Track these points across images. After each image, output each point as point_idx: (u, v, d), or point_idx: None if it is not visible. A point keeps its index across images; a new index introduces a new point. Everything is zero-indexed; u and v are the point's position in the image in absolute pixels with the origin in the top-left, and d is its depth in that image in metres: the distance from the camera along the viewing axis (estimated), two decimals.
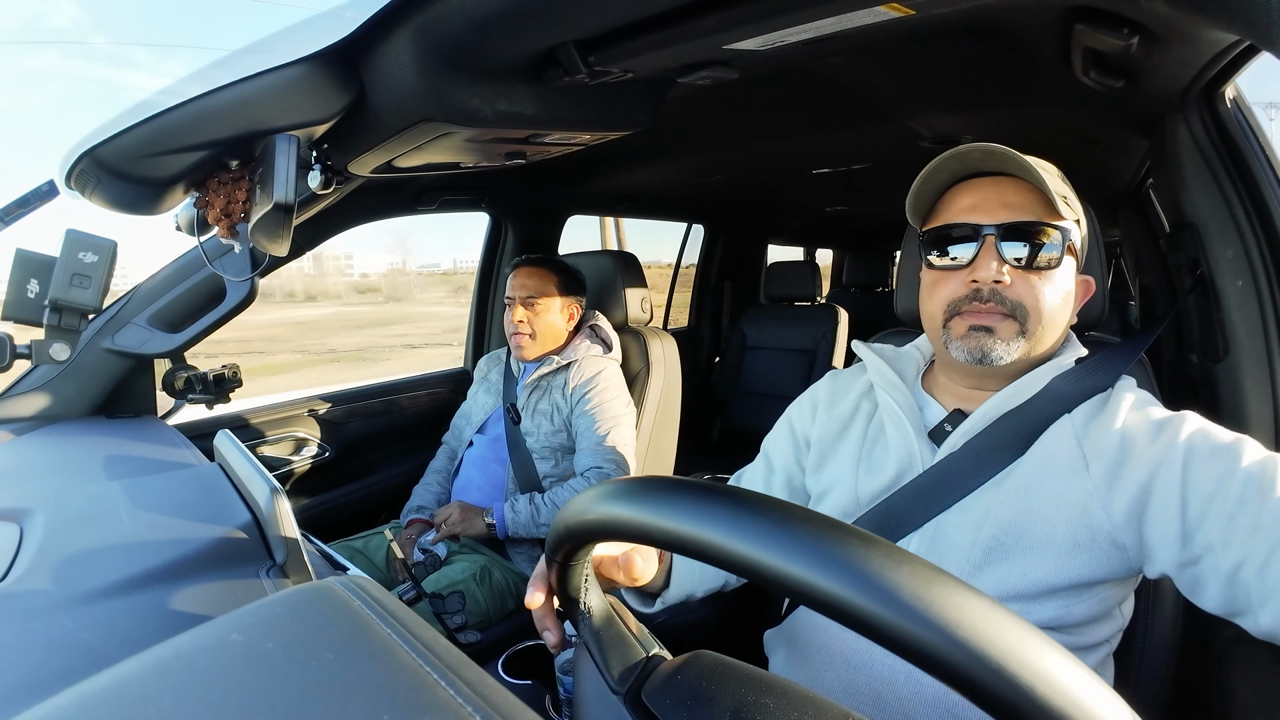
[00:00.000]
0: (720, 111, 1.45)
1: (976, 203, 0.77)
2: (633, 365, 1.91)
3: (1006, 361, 0.76)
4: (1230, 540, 0.61)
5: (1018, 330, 0.75)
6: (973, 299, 0.76)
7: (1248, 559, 0.59)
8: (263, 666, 0.35)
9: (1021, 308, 0.75)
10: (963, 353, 0.77)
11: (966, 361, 0.77)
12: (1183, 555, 0.65)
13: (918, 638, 0.27)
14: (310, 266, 47.06)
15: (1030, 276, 0.75)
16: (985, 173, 0.79)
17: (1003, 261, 0.74)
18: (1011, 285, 0.75)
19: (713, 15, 0.71)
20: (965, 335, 0.76)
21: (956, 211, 0.79)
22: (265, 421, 1.81)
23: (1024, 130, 1.56)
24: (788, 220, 3.79)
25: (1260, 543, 0.59)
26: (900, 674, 0.72)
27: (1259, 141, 0.97)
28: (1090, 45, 0.86)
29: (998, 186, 0.77)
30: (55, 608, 0.60)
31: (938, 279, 0.80)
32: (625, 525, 0.39)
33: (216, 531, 0.74)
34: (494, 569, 1.54)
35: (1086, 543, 0.70)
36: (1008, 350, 0.75)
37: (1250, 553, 0.59)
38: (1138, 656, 0.85)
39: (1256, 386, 0.95)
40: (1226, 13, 0.60)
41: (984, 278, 0.74)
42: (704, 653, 0.51)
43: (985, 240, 0.75)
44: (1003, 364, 0.76)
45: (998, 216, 0.75)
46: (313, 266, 53.30)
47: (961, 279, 0.77)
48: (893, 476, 0.81)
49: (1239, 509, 0.61)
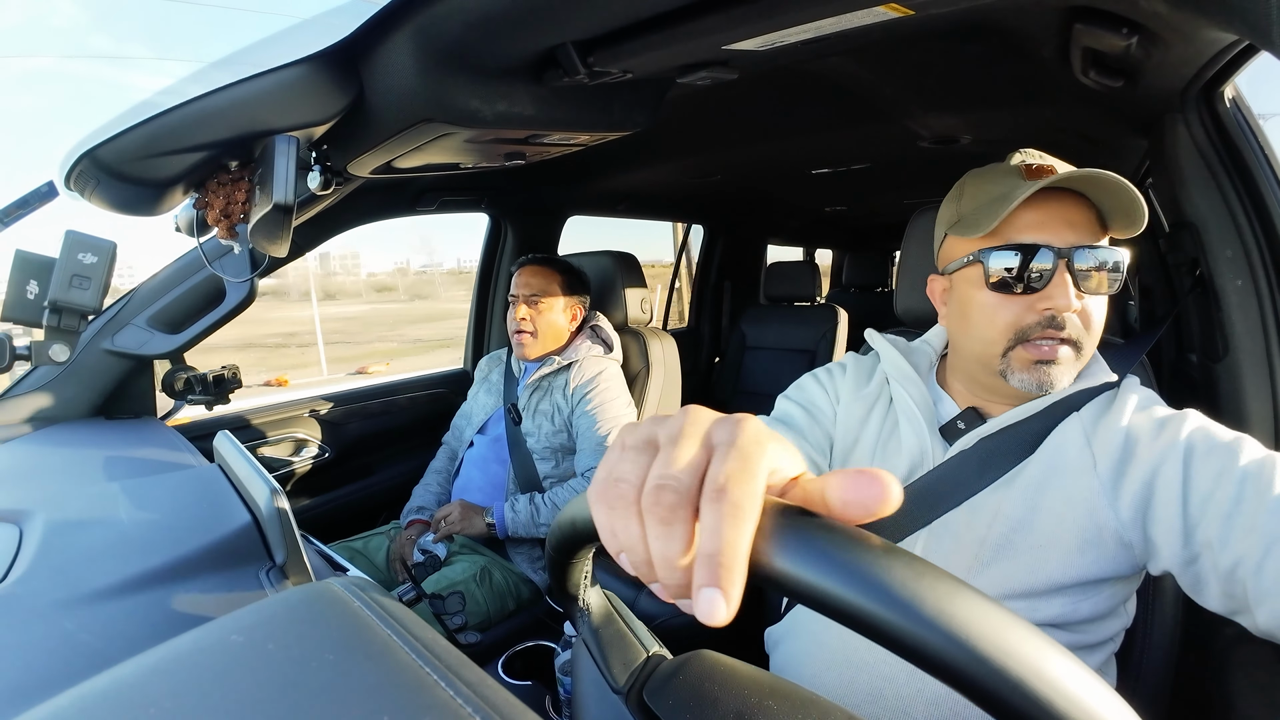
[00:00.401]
0: (720, 112, 1.45)
1: (1043, 220, 0.72)
2: (633, 365, 1.91)
3: (1062, 386, 0.74)
4: (1228, 539, 0.61)
5: (1075, 356, 0.73)
6: (1047, 326, 0.72)
7: (1244, 558, 0.59)
8: (263, 667, 0.35)
9: (1084, 334, 0.73)
10: (1023, 383, 0.74)
11: (1024, 390, 0.74)
12: (1184, 553, 0.65)
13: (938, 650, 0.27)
14: (319, 265, 46.71)
15: (1090, 301, 0.72)
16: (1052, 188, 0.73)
17: (1079, 288, 0.71)
18: (1083, 311, 0.72)
19: (712, 16, 0.71)
20: (1030, 368, 0.73)
21: (1021, 229, 0.72)
22: (265, 422, 1.81)
23: (1023, 130, 1.56)
24: (787, 220, 3.79)
25: (1257, 542, 0.59)
26: (902, 673, 0.73)
27: (1258, 141, 0.97)
28: (1089, 45, 0.86)
29: (1061, 203, 0.72)
30: (55, 609, 0.60)
31: (1003, 302, 0.74)
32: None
33: (216, 532, 0.74)
34: (494, 570, 1.54)
35: (1094, 541, 0.71)
36: (1066, 378, 0.73)
37: (1247, 551, 0.59)
38: (1138, 656, 0.85)
39: (1256, 386, 0.96)
40: (1226, 12, 0.61)
41: (1062, 305, 0.70)
42: (705, 652, 0.51)
43: (1060, 264, 0.70)
44: (1058, 388, 0.74)
45: (1065, 237, 0.71)
46: (320, 265, 52.87)
47: (1029, 304, 0.72)
48: (905, 472, 0.81)
49: (1236, 508, 0.61)
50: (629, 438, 0.34)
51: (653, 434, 0.34)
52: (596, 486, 0.34)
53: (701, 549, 0.29)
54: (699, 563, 0.29)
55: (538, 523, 1.56)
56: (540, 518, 1.57)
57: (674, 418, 0.34)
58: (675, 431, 0.33)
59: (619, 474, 0.32)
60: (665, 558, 0.30)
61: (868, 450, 0.86)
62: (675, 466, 0.31)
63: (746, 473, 0.30)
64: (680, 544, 0.30)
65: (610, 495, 0.32)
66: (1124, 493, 0.70)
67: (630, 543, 0.31)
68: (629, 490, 0.32)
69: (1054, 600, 0.72)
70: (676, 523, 0.30)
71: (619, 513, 0.32)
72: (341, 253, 72.91)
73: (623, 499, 0.32)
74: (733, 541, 0.28)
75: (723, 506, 0.29)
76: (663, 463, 0.31)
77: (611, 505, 0.32)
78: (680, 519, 0.30)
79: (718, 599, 0.28)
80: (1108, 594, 0.73)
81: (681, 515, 0.30)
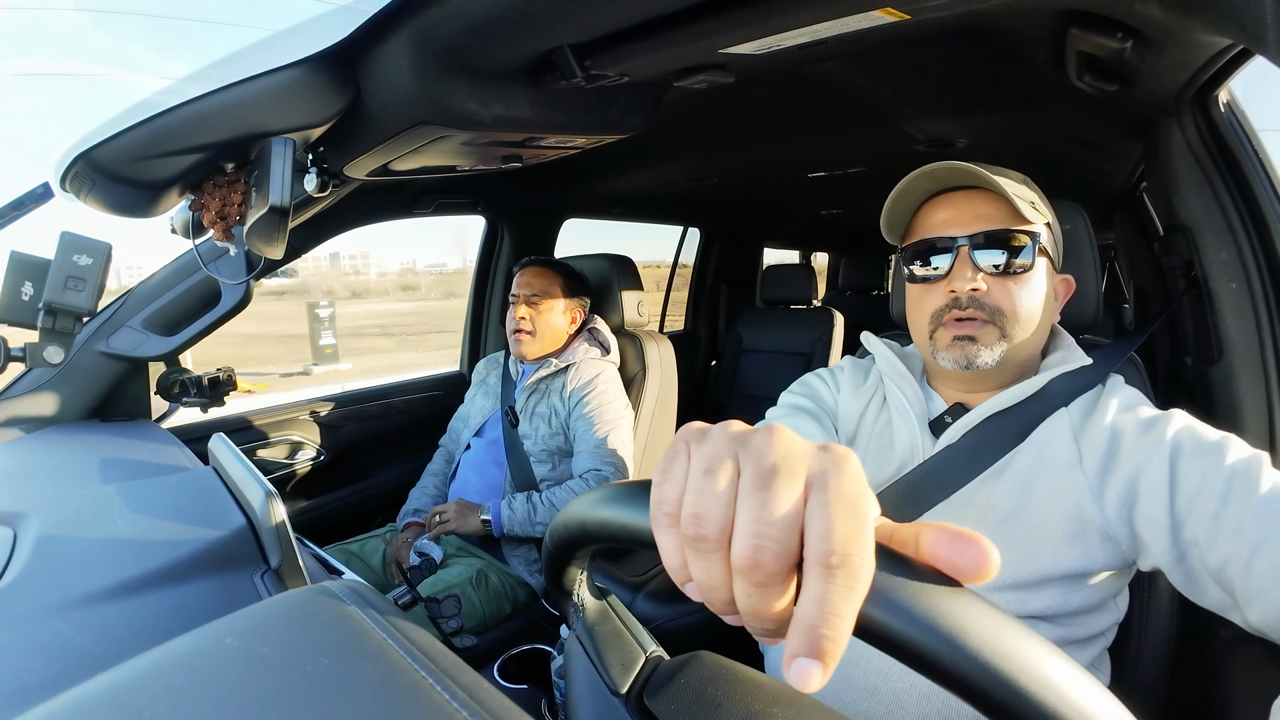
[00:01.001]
0: (716, 115, 1.46)
1: (951, 216, 0.80)
2: (630, 368, 1.91)
3: (991, 365, 0.78)
4: (1215, 539, 0.62)
5: (999, 335, 0.78)
6: (953, 307, 0.79)
7: (1232, 558, 0.60)
8: (257, 671, 0.35)
9: (1000, 312, 0.78)
10: (949, 361, 0.80)
11: (954, 369, 0.80)
12: (1172, 550, 0.66)
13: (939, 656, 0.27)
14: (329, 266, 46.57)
15: (1006, 282, 0.78)
16: (957, 187, 0.82)
17: (978, 270, 0.78)
18: (989, 292, 0.78)
19: (709, 19, 0.71)
20: (950, 345, 0.80)
21: (932, 226, 0.82)
22: (261, 425, 1.81)
23: (1018, 134, 1.57)
24: (784, 223, 3.80)
25: (1244, 543, 0.60)
26: (896, 667, 0.74)
27: (1253, 145, 0.98)
28: (1084, 49, 0.86)
29: (970, 199, 0.80)
30: (49, 612, 0.59)
31: (921, 292, 0.84)
32: (629, 530, 0.38)
33: (211, 535, 0.74)
34: (490, 573, 1.53)
35: (1080, 534, 0.72)
36: (991, 354, 0.78)
37: (1234, 552, 0.60)
38: (1133, 655, 0.86)
39: (1250, 388, 0.96)
40: (1220, 17, 0.61)
41: (961, 287, 0.78)
42: (705, 654, 0.51)
43: (960, 251, 0.78)
44: (988, 368, 0.78)
45: (971, 227, 0.79)
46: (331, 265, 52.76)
47: (941, 290, 0.80)
48: (896, 466, 0.83)
49: (1223, 508, 0.62)
50: (700, 452, 0.30)
51: (730, 453, 0.29)
52: (664, 507, 0.29)
53: (805, 617, 0.25)
54: (800, 630, 0.25)
55: (534, 521, 1.56)
56: (537, 516, 1.56)
57: (756, 437, 0.29)
58: (764, 464, 0.28)
59: (697, 509, 0.28)
60: (760, 615, 0.27)
61: (864, 444, 0.89)
62: (773, 516, 0.26)
63: (862, 535, 0.26)
64: (778, 604, 0.27)
65: (686, 532, 0.28)
66: (1109, 489, 0.72)
67: (711, 586, 0.28)
68: (713, 532, 0.27)
69: (1043, 592, 0.73)
70: (775, 585, 0.26)
71: (699, 555, 0.28)
72: (351, 253, 72.99)
73: (705, 541, 0.27)
74: (844, 615, 0.25)
75: (839, 577, 0.25)
76: (757, 508, 0.27)
77: (690, 545, 0.28)
78: (779, 582, 0.26)
79: (815, 671, 0.25)
80: (1097, 587, 0.74)
81: (781, 578, 0.26)
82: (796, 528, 0.26)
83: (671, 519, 0.29)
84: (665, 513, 0.29)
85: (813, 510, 0.27)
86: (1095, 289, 0.92)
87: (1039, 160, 1.83)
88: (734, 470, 0.28)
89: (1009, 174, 0.81)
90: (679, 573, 0.29)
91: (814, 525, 0.26)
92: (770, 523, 0.26)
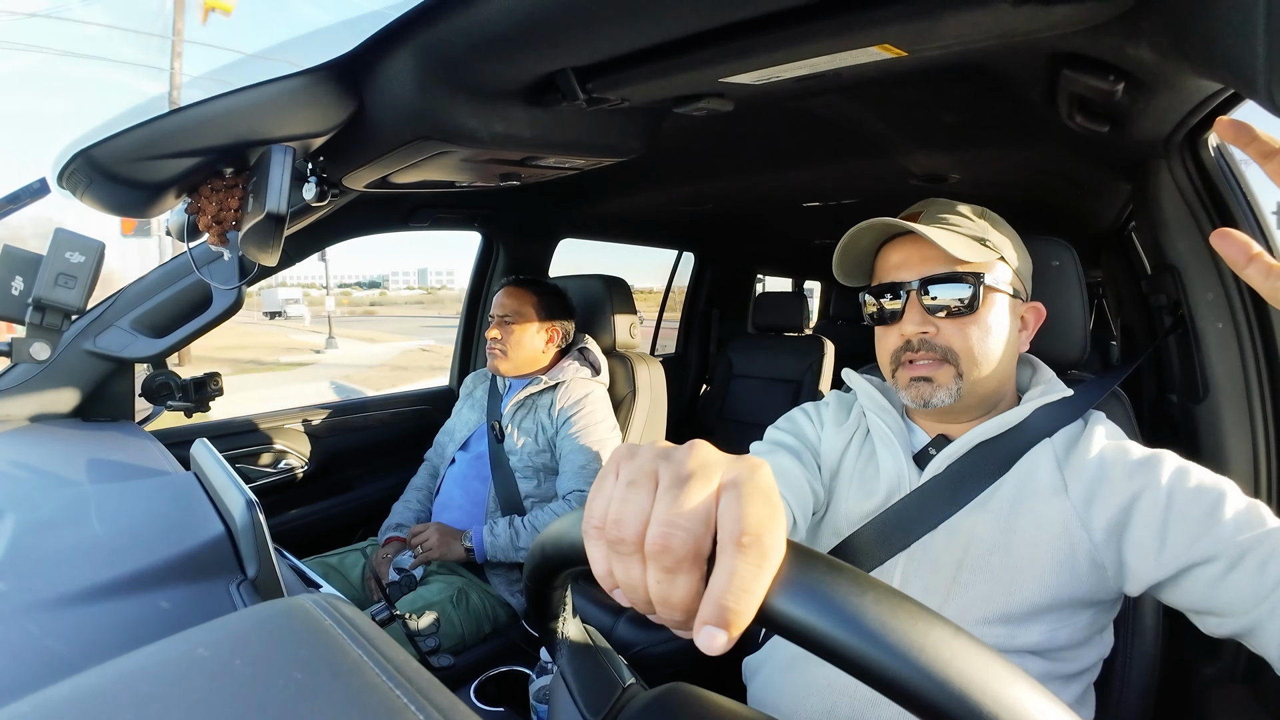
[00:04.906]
0: (713, 142, 1.47)
1: (902, 259, 0.82)
2: (619, 389, 1.91)
3: (948, 403, 0.79)
4: (1215, 594, 0.63)
5: (954, 374, 0.79)
6: (906, 349, 0.81)
7: (1234, 606, 0.61)
8: (229, 684, 0.34)
9: (952, 352, 0.79)
10: (908, 399, 0.82)
11: (914, 407, 0.82)
12: (1161, 575, 0.67)
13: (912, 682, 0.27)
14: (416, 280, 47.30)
15: (957, 322, 0.79)
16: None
17: (927, 312, 0.79)
18: (939, 333, 0.79)
19: (710, 48, 0.72)
20: (908, 385, 0.82)
21: (888, 269, 0.84)
22: (245, 432, 1.79)
23: (1010, 171, 1.59)
24: (777, 251, 3.83)
25: (1248, 592, 0.61)
26: (883, 698, 0.73)
27: (1241, 187, 1.00)
28: (1076, 90, 0.88)
29: (918, 243, 0.81)
30: (20, 612, 0.58)
31: (881, 334, 0.86)
32: (574, 549, 0.38)
33: (188, 542, 0.73)
34: (471, 591, 1.51)
35: (1067, 562, 0.72)
36: (948, 393, 0.80)
37: (1236, 599, 0.61)
38: (1117, 691, 0.85)
39: (1235, 427, 0.97)
40: (1211, 61, 0.62)
41: (909, 330, 0.80)
42: (680, 685, 0.51)
43: (909, 295, 0.80)
44: (945, 405, 0.79)
45: (919, 271, 0.80)
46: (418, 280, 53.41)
47: (896, 332, 0.82)
48: (882, 498, 0.83)
49: (1226, 576, 0.63)
50: (626, 468, 0.32)
51: (652, 467, 0.32)
52: (592, 520, 0.32)
53: (715, 589, 0.28)
54: (708, 604, 0.28)
55: (517, 546, 1.54)
56: (520, 541, 1.54)
57: (678, 451, 0.32)
58: (682, 471, 0.31)
59: (618, 514, 0.31)
60: (669, 602, 0.29)
61: (847, 479, 0.89)
62: (683, 508, 0.29)
63: (774, 520, 0.29)
64: (687, 591, 0.29)
65: (609, 536, 0.31)
66: (1096, 515, 0.72)
67: (630, 584, 0.30)
68: (630, 534, 0.30)
69: (1032, 626, 0.73)
70: (683, 572, 0.29)
71: (619, 557, 0.31)
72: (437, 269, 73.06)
73: (623, 543, 0.30)
74: (752, 590, 0.28)
75: (750, 555, 0.28)
76: (669, 503, 0.30)
77: (612, 548, 0.31)
78: (687, 569, 0.29)
79: (720, 635, 0.27)
80: (1085, 620, 0.74)
81: (689, 565, 0.29)
82: (706, 519, 0.29)
83: (599, 531, 0.32)
84: (594, 526, 0.32)
85: (726, 504, 0.29)
86: (1083, 325, 0.93)
87: (1030, 197, 1.86)
88: (655, 482, 0.31)
89: (961, 210, 0.83)
90: (606, 579, 0.32)
91: (727, 514, 0.29)
92: (680, 513, 0.29)
